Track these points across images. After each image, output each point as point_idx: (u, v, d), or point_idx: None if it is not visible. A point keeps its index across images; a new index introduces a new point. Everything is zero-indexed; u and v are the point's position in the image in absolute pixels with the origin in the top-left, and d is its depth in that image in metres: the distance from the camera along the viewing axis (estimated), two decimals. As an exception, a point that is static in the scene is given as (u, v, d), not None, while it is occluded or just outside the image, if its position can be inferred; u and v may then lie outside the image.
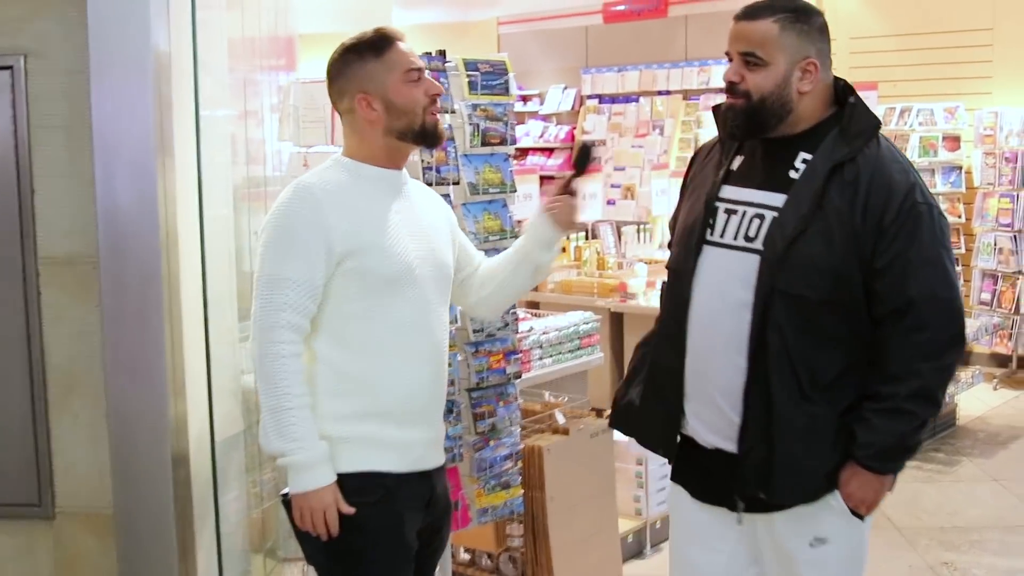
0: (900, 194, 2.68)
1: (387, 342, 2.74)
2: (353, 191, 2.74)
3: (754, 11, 2.76)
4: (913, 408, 2.68)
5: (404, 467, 2.78)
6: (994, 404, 8.15)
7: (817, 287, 2.66)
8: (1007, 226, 8.67)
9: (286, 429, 2.62)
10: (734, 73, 2.76)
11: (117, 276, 2.86)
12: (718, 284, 2.77)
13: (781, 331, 2.67)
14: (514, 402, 3.92)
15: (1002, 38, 9.11)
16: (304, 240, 2.64)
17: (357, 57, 2.76)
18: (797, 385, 2.68)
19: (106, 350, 2.91)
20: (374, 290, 2.71)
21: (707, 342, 2.78)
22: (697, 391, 2.82)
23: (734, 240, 2.77)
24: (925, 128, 9.08)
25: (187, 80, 2.92)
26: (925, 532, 5.61)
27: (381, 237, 2.71)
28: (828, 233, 2.66)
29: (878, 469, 2.71)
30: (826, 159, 2.72)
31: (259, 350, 2.64)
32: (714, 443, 2.82)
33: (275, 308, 2.63)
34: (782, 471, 2.70)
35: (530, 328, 5.00)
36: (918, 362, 2.67)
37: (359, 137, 2.79)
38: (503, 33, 12.85)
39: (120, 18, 2.78)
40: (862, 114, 2.79)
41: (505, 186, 3.85)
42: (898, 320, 2.67)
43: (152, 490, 2.96)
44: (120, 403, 2.93)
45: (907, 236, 2.66)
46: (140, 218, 2.82)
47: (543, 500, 4.39)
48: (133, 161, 2.81)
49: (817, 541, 2.77)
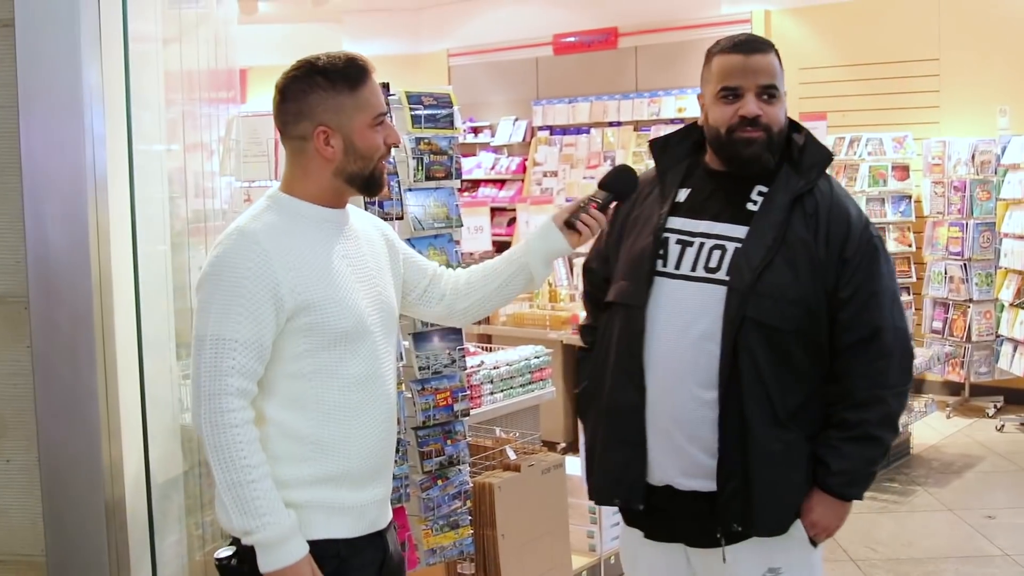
0: (859, 227, 2.76)
1: (340, 401, 2.54)
2: (297, 237, 2.51)
3: (760, 45, 2.78)
4: (880, 434, 2.76)
5: (358, 531, 2.60)
6: (948, 433, 8.17)
7: (789, 317, 2.69)
8: (957, 254, 8.73)
9: (249, 505, 2.41)
10: (756, 107, 2.73)
11: (48, 316, 2.77)
12: (677, 316, 2.74)
13: (753, 358, 2.67)
14: (462, 440, 3.86)
15: (948, 68, 9.21)
16: (251, 297, 2.42)
17: (328, 84, 2.51)
18: (772, 413, 2.69)
19: (37, 393, 2.82)
20: (325, 346, 2.51)
21: (663, 376, 2.75)
22: (652, 427, 2.78)
23: (692, 271, 2.76)
24: (874, 158, 9.14)
25: (120, 115, 2.84)
26: (881, 564, 5.59)
27: (332, 289, 2.51)
28: (794, 263, 2.70)
29: (849, 496, 2.78)
30: (784, 191, 2.76)
31: (208, 420, 2.42)
32: (666, 479, 2.79)
33: (221, 374, 2.41)
34: (764, 501, 2.70)
35: (480, 362, 4.96)
36: (883, 389, 2.74)
37: (303, 171, 2.56)
38: (454, 65, 12.89)
39: (50, 53, 2.70)
40: (814, 147, 2.83)
41: (451, 220, 3.80)
42: (864, 349, 2.73)
43: (86, 536, 2.86)
44: (52, 447, 2.83)
45: (867, 267, 2.74)
46: (71, 257, 2.73)
47: (494, 538, 4.32)
48: (64, 198, 2.72)
49: (772, 572, 2.78)
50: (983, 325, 8.69)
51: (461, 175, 3.91)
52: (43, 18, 2.70)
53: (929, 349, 7.64)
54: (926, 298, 9.03)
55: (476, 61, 12.72)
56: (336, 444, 2.54)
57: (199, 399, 2.44)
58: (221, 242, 2.50)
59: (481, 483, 4.29)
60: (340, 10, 13.12)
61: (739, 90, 2.73)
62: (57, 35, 2.70)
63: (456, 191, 3.87)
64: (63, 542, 2.89)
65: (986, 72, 9.01)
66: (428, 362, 3.72)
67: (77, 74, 2.70)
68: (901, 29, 9.44)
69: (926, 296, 9.02)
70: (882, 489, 6.85)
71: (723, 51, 2.78)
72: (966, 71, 9.12)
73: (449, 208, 3.80)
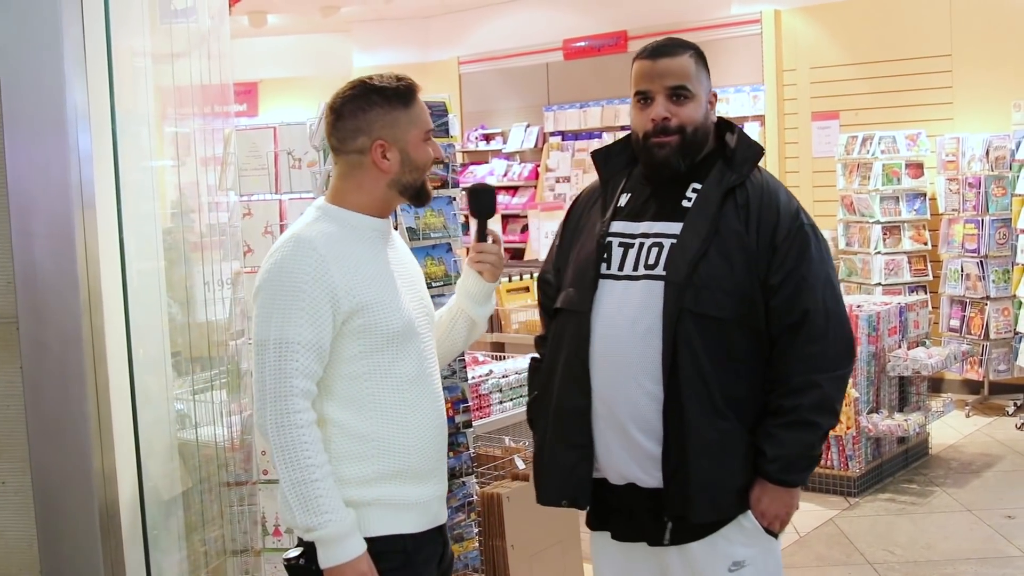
0: (789, 216, 2.83)
1: (395, 400, 2.67)
2: (349, 244, 2.65)
3: (670, 48, 2.86)
4: (816, 419, 2.79)
5: (422, 526, 2.72)
6: (967, 432, 8.09)
7: (724, 306, 2.76)
8: (973, 252, 8.65)
9: (313, 503, 2.54)
10: (665, 110, 2.83)
11: (37, 337, 2.74)
12: (622, 315, 2.82)
13: (692, 350, 2.74)
14: (465, 452, 3.82)
15: (961, 64, 9.13)
16: (310, 300, 2.56)
17: (384, 101, 2.68)
18: (710, 402, 2.75)
19: (28, 414, 2.80)
20: (379, 347, 2.64)
21: (614, 373, 2.82)
22: (608, 425, 2.85)
23: (634, 271, 2.84)
24: (888, 156, 9.07)
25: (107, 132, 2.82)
26: (898, 567, 5.53)
27: (382, 292, 2.65)
28: (727, 253, 2.77)
29: (787, 482, 2.83)
30: (717, 186, 2.83)
31: (274, 421, 2.55)
32: (629, 476, 2.85)
33: (286, 376, 2.55)
34: (697, 487, 2.76)
35: (489, 371, 4.92)
36: (816, 374, 2.79)
37: (357, 183, 2.71)
38: (464, 72, 12.88)
39: (33, 71, 2.68)
40: (746, 143, 2.92)
41: (448, 230, 3.76)
42: (795, 334, 2.79)
43: (81, 556, 2.83)
44: (44, 467, 2.81)
45: (797, 254, 2.80)
46: (59, 276, 2.71)
47: (504, 549, 4.29)
48: (51, 217, 2.70)
49: (736, 565, 2.84)
50: (1001, 322, 8.61)
51: (459, 184, 3.88)
52: (26, 36, 2.67)
53: (946, 348, 7.55)
54: (943, 296, 8.95)
55: (486, 68, 12.71)
56: (395, 441, 2.67)
57: (264, 401, 2.57)
58: (277, 249, 2.65)
59: (490, 493, 4.26)
60: (349, 20, 13.14)
61: (649, 94, 2.84)
62: (41, 53, 2.68)
63: (455, 200, 3.84)
64: (58, 563, 2.87)
65: (999, 67, 8.93)
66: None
67: (61, 92, 2.68)
68: (913, 26, 9.36)
69: (943, 294, 8.94)
70: (900, 490, 6.79)
71: (637, 57, 2.90)
72: (979, 66, 9.03)
73: (447, 217, 3.77)
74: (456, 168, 3.81)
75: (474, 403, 4.19)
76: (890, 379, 7.00)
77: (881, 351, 6.89)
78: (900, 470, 7.15)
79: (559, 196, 11.39)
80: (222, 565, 3.57)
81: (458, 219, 3.80)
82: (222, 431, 3.50)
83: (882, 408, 6.93)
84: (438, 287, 3.70)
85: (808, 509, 6.42)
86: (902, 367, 6.88)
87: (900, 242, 9.12)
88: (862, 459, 6.74)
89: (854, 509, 6.46)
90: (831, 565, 5.60)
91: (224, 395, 3.52)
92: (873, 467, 6.88)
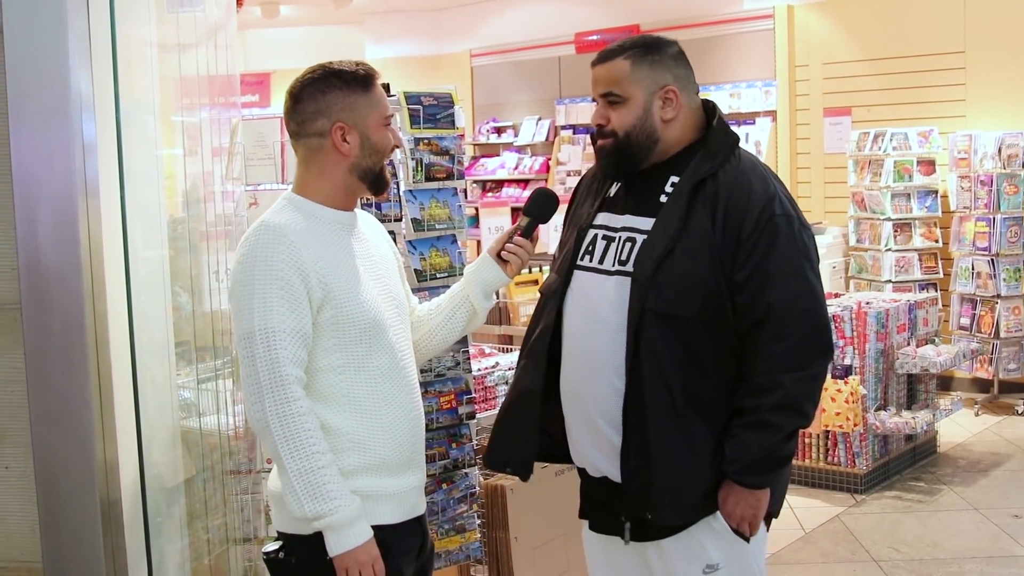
0: (758, 206, 2.74)
1: (369, 393, 2.66)
2: (315, 235, 2.63)
3: (606, 54, 2.90)
4: (776, 420, 2.71)
5: (400, 517, 2.72)
6: (975, 430, 8.06)
7: (688, 304, 2.72)
8: (984, 250, 8.61)
9: (321, 490, 2.52)
10: (599, 116, 2.89)
11: (41, 323, 2.76)
12: (592, 308, 2.83)
13: (654, 351, 2.71)
14: (468, 443, 3.82)
15: (974, 61, 9.09)
16: (288, 287, 2.54)
17: (343, 84, 2.67)
18: (672, 405, 2.71)
19: (31, 400, 2.81)
20: (349, 342, 2.63)
21: (585, 367, 2.83)
22: (580, 418, 2.87)
23: (611, 266, 2.84)
24: (899, 152, 9.03)
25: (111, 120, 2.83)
26: (904, 565, 5.52)
27: (350, 286, 2.63)
28: (692, 251, 2.73)
29: (749, 484, 2.76)
30: (689, 179, 2.80)
31: (274, 411, 2.52)
32: (602, 469, 2.86)
33: (278, 363, 2.52)
34: (660, 490, 2.73)
35: (495, 363, 4.91)
36: (780, 373, 2.71)
37: (319, 169, 2.70)
38: (476, 65, 12.88)
39: (38, 59, 2.69)
40: (722, 132, 2.89)
41: (453, 221, 3.77)
42: (758, 331, 2.73)
43: (82, 542, 2.85)
44: (46, 454, 2.83)
45: (765, 247, 2.72)
46: (63, 263, 2.73)
47: (507, 540, 4.29)
48: (55, 204, 2.72)
49: (709, 568, 2.81)
50: (1011, 321, 8.57)
51: (464, 176, 3.88)
52: (32, 24, 2.69)
53: (956, 346, 7.53)
54: (953, 294, 8.91)
55: (498, 61, 12.70)
56: (369, 436, 2.66)
57: (261, 393, 2.54)
58: (247, 239, 2.63)
59: (493, 485, 4.27)
60: (361, 12, 13.14)
61: (595, 99, 2.91)
62: (46, 41, 2.69)
63: (460, 191, 3.84)
64: (60, 549, 2.88)
65: (1013, 64, 8.88)
66: (431, 364, 3.70)
67: (66, 80, 2.70)
68: (926, 21, 9.32)
69: (953, 292, 8.91)
70: (907, 488, 6.77)
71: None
72: (993, 64, 8.98)
73: (452, 209, 3.77)
74: (461, 159, 3.80)
75: (479, 395, 4.19)
76: (898, 376, 6.99)
77: (890, 348, 6.87)
78: (907, 468, 7.13)
79: (570, 190, 11.34)
80: (225, 553, 3.59)
81: (463, 211, 3.80)
82: (226, 420, 3.52)
83: (890, 405, 6.91)
84: (442, 278, 3.71)
85: (814, 506, 6.41)
86: (911, 365, 6.86)
87: (911, 239, 9.09)
88: (869, 456, 6.73)
89: (860, 506, 6.45)
90: (836, 562, 5.59)
91: (229, 384, 3.53)
92: (880, 464, 6.87)
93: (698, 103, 2.91)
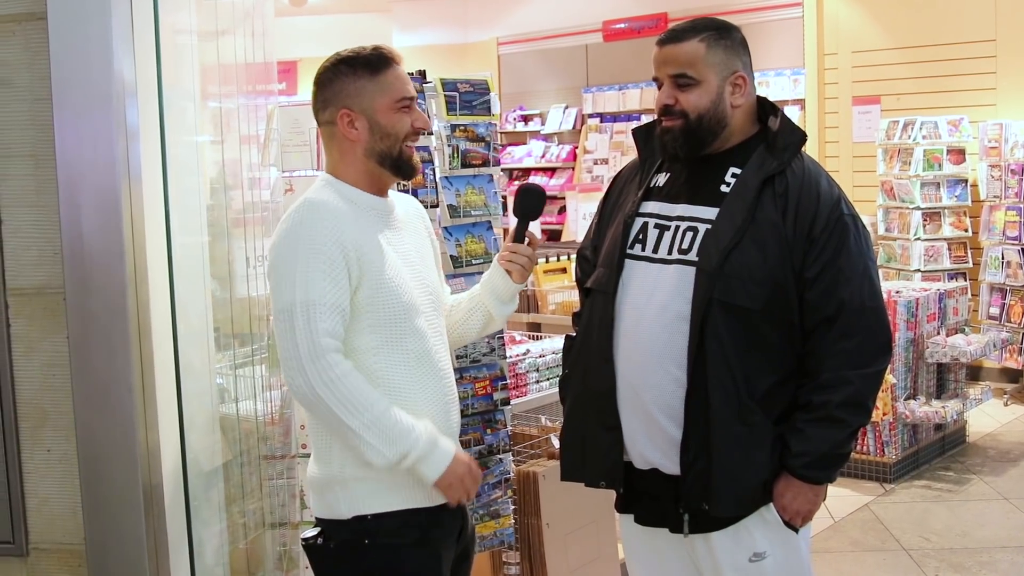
0: (828, 206, 2.76)
1: (401, 375, 2.67)
2: (353, 217, 2.65)
3: (678, 34, 2.84)
4: (845, 416, 2.73)
5: (439, 499, 2.70)
6: (1005, 420, 8.03)
7: (755, 297, 2.71)
8: (1014, 239, 8.56)
9: (393, 430, 2.54)
10: (667, 96, 2.83)
11: (84, 308, 2.79)
12: (652, 298, 2.79)
13: (720, 341, 2.70)
14: (503, 429, 3.84)
15: (1005, 49, 9.03)
16: (329, 260, 2.55)
17: (350, 71, 2.69)
18: (736, 395, 2.71)
19: (74, 383, 2.84)
20: (384, 324, 2.64)
21: (642, 358, 2.79)
22: (634, 410, 2.83)
23: (668, 255, 2.81)
24: (929, 141, 8.99)
25: (154, 107, 2.85)
26: (934, 554, 5.51)
27: (385, 269, 2.64)
28: (762, 243, 2.72)
29: (812, 479, 2.77)
30: (756, 172, 2.78)
31: (319, 380, 2.52)
32: (653, 461, 2.83)
33: (317, 335, 2.53)
34: (721, 481, 2.73)
35: (526, 351, 4.92)
36: (848, 370, 2.72)
37: (339, 153, 2.73)
38: (503, 53, 12.87)
39: (82, 46, 2.71)
40: (789, 128, 2.86)
41: (489, 208, 3.78)
42: (828, 329, 2.74)
43: (124, 524, 2.88)
44: (89, 437, 2.86)
45: (835, 246, 2.74)
46: (106, 248, 2.75)
47: (539, 527, 4.30)
48: (98, 190, 2.74)
49: (756, 556, 2.81)
50: (1041, 311, 8.54)
51: (500, 163, 3.89)
52: (75, 11, 2.71)
53: (985, 335, 7.50)
54: (983, 284, 8.87)
55: (525, 49, 12.69)
56: None
57: (302, 364, 2.54)
58: (290, 215, 2.65)
59: (525, 472, 4.28)
60: (389, 0, 13.14)
61: (659, 80, 2.85)
62: (89, 28, 2.72)
63: (495, 178, 3.85)
64: (102, 530, 2.91)
65: (1044, 53, 8.83)
66: (466, 350, 3.71)
67: (109, 67, 2.72)
68: (956, 10, 9.26)
69: (983, 282, 8.87)
70: (937, 478, 6.76)
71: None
72: (1024, 52, 8.94)
73: (487, 195, 3.78)
74: (497, 146, 3.81)
75: (511, 382, 4.20)
76: (928, 366, 6.97)
77: (919, 338, 6.85)
78: (936, 457, 7.12)
79: (597, 178, 11.36)
80: (260, 537, 3.61)
81: (499, 197, 3.81)
82: (261, 405, 3.54)
83: (919, 395, 6.90)
84: (478, 264, 3.72)
85: (843, 494, 6.40)
86: (940, 354, 6.84)
87: (940, 228, 9.05)
88: (899, 445, 6.71)
89: (889, 495, 6.44)
90: (865, 551, 5.60)
91: (264, 370, 3.55)
92: (909, 454, 6.85)
93: (755, 94, 2.90)
